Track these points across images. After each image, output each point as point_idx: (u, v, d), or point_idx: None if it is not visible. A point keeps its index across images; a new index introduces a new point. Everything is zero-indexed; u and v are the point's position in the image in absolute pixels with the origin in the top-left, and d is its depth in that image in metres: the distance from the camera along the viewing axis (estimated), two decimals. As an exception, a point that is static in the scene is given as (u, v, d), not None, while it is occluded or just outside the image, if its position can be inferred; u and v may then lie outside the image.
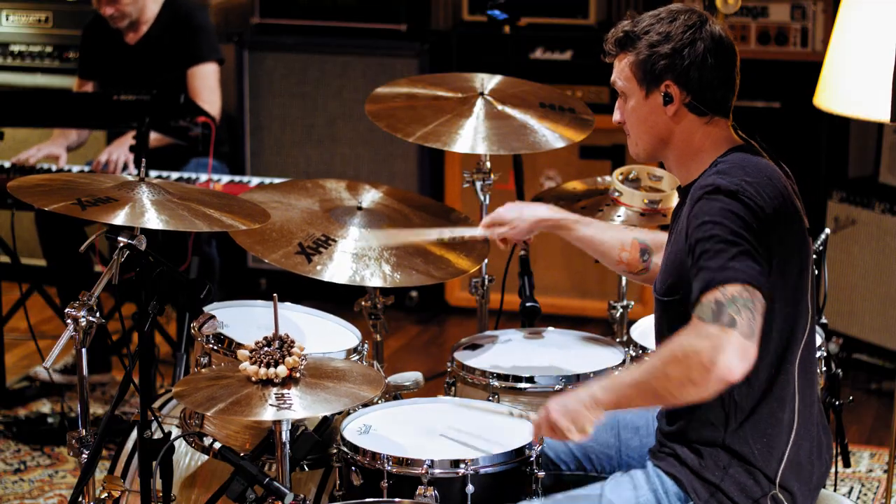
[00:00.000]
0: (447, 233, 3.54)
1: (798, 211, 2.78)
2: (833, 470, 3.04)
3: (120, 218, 2.92)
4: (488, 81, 3.99)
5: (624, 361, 3.45)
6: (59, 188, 3.09)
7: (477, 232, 3.45)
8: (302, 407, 2.76)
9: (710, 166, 2.80)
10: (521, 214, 3.36)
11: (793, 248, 2.74)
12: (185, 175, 4.95)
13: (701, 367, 2.53)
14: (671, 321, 2.82)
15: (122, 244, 2.96)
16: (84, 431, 3.09)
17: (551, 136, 3.83)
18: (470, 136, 3.77)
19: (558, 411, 2.72)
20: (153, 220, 2.94)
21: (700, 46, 2.79)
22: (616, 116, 2.93)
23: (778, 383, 2.75)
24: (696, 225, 2.68)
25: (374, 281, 3.37)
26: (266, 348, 2.81)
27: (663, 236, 3.23)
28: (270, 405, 2.74)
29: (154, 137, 4.88)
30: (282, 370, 2.79)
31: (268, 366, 2.79)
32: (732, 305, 2.56)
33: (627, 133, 2.92)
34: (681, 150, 2.86)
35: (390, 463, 2.90)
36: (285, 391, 2.78)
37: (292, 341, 2.83)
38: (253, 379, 2.81)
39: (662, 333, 2.87)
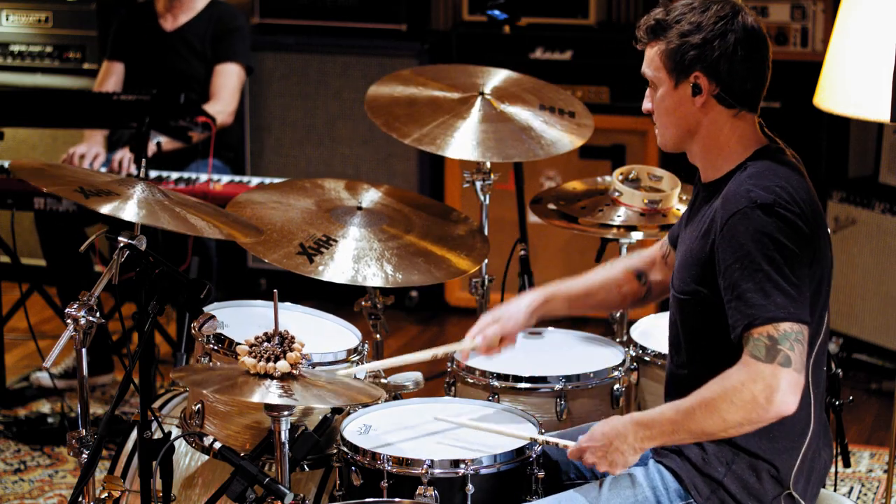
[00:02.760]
0: (440, 351, 3.26)
1: (825, 223, 2.78)
2: (833, 470, 3.04)
3: (124, 210, 2.91)
4: (490, 78, 4.00)
5: (624, 361, 3.45)
6: (60, 174, 3.10)
7: (466, 344, 3.22)
8: (302, 399, 2.75)
9: (739, 169, 2.79)
10: (507, 310, 3.19)
11: (823, 248, 2.75)
12: (186, 175, 4.95)
13: (760, 409, 2.63)
14: (687, 318, 2.84)
15: (122, 244, 2.96)
16: (84, 431, 3.08)
17: (552, 141, 3.85)
18: (467, 141, 3.78)
19: (601, 460, 2.78)
20: (153, 217, 2.94)
21: (731, 38, 2.77)
22: (646, 105, 2.91)
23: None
24: (733, 244, 2.68)
25: (375, 281, 3.37)
26: (266, 344, 2.81)
27: (649, 251, 3.22)
28: (271, 392, 2.74)
29: (165, 141, 4.91)
30: (283, 365, 2.78)
31: (267, 361, 2.79)
32: (786, 341, 2.63)
33: (655, 123, 2.91)
34: (707, 142, 2.85)
35: (390, 463, 2.90)
36: (285, 385, 2.78)
37: (292, 338, 2.83)
38: (251, 371, 2.80)
39: (678, 331, 2.88)
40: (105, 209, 2.91)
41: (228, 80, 5.32)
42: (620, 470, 2.78)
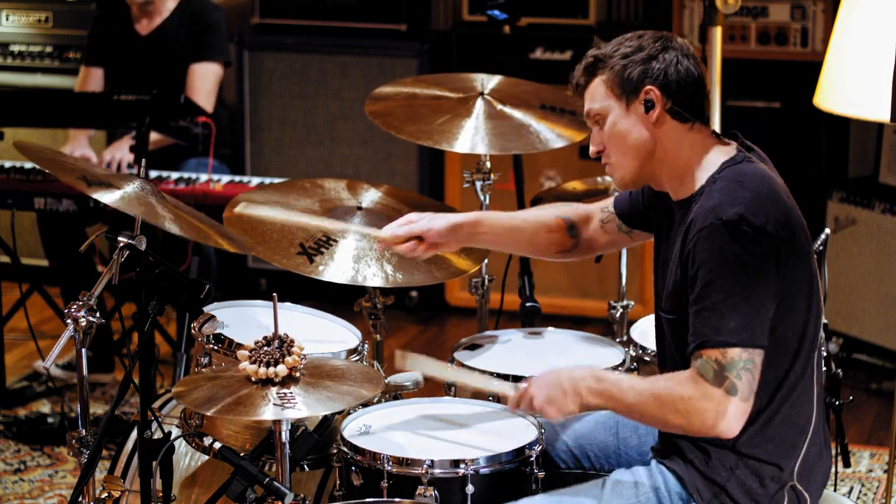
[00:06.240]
0: (357, 229, 3.29)
1: (796, 213, 2.77)
2: (833, 470, 3.04)
3: (125, 203, 2.92)
4: (489, 81, 4.00)
5: (624, 361, 3.45)
6: (61, 161, 3.10)
7: (382, 234, 3.20)
8: (305, 405, 2.76)
9: (707, 183, 2.77)
10: (433, 224, 3.17)
11: (801, 255, 2.73)
12: (186, 175, 4.95)
13: (702, 426, 2.67)
14: (673, 337, 2.83)
15: (121, 244, 2.96)
16: (84, 431, 3.08)
17: (550, 135, 3.84)
18: (469, 136, 3.78)
19: (542, 398, 2.82)
20: (154, 215, 2.95)
21: (673, 53, 2.79)
22: (594, 147, 2.88)
23: (797, 387, 2.76)
24: (698, 260, 2.68)
25: (375, 281, 3.37)
26: (266, 348, 2.81)
27: (586, 207, 3.19)
28: (274, 405, 2.74)
29: (154, 139, 4.89)
30: (281, 369, 2.79)
31: (267, 365, 2.79)
32: (733, 370, 2.64)
33: (608, 162, 2.87)
34: (669, 162, 2.82)
35: (390, 463, 2.90)
36: (286, 390, 2.78)
37: (292, 341, 2.83)
38: (253, 379, 2.81)
39: (671, 347, 2.87)
40: (107, 199, 2.92)
41: (206, 82, 5.24)
42: (558, 413, 2.80)
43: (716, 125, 3.87)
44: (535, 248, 3.21)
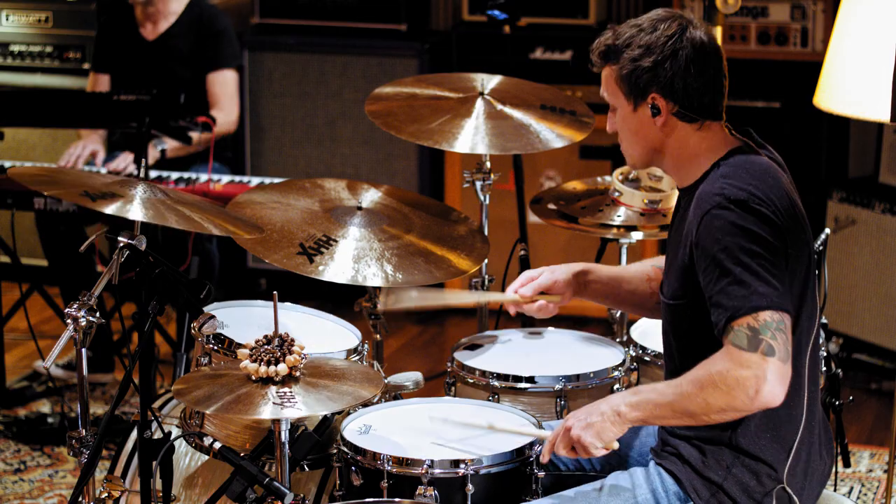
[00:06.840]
0: (481, 298, 3.39)
1: (800, 207, 2.78)
2: (833, 470, 3.04)
3: (130, 211, 2.92)
4: (490, 81, 4.00)
5: (624, 361, 3.45)
6: (60, 179, 3.10)
7: (508, 295, 3.26)
8: (305, 405, 2.76)
9: (712, 168, 2.79)
10: (555, 276, 3.21)
11: (800, 245, 2.74)
12: (186, 175, 4.95)
13: (745, 397, 2.60)
14: (678, 324, 2.83)
15: (122, 244, 2.96)
16: (84, 431, 3.08)
17: (550, 135, 3.84)
18: (470, 136, 3.78)
19: (581, 426, 2.76)
20: (159, 216, 2.94)
21: (682, 56, 2.77)
22: (610, 127, 2.92)
23: (791, 380, 2.75)
24: (709, 241, 2.67)
25: (375, 281, 3.37)
26: (266, 346, 2.81)
27: None
28: (274, 404, 2.74)
29: (171, 147, 4.91)
30: (282, 368, 2.79)
31: (268, 364, 2.79)
32: (766, 331, 2.61)
33: (621, 143, 2.92)
34: (676, 156, 2.85)
35: (390, 463, 2.90)
36: (286, 389, 2.78)
37: (292, 340, 2.83)
38: (253, 377, 2.81)
39: (669, 336, 2.88)
40: (113, 210, 2.91)
41: (226, 88, 5.27)
42: (596, 438, 2.75)
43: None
44: (639, 298, 3.22)
